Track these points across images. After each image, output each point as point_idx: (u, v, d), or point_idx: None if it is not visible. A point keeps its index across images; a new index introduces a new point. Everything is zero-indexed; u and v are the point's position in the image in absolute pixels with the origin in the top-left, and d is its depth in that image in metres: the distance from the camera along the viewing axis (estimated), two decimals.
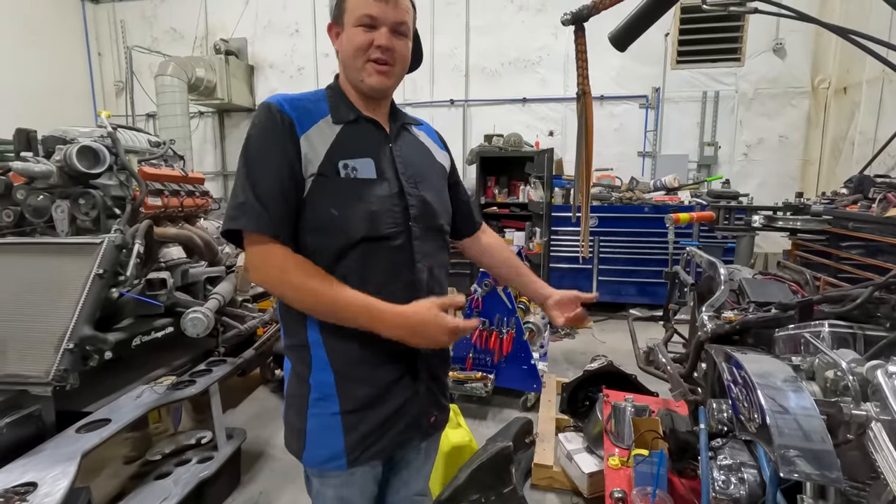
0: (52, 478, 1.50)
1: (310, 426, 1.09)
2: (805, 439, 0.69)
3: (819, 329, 0.90)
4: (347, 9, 1.06)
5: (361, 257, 1.05)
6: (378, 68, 1.07)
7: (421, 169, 1.17)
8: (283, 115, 1.03)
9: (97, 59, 7.58)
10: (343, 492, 1.13)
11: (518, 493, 2.24)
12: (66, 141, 2.22)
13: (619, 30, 0.82)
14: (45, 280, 1.88)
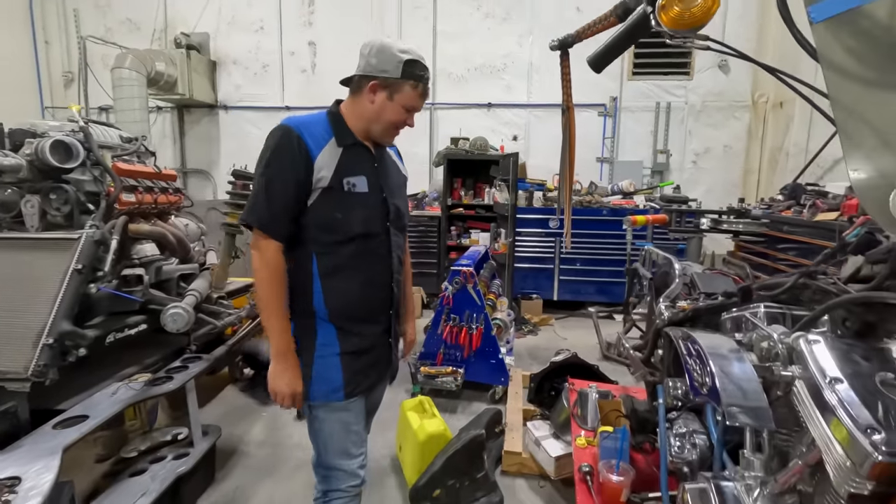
0: (35, 472, 1.51)
1: (316, 367, 1.43)
2: (745, 397, 0.85)
3: (756, 310, 1.08)
4: (402, 93, 1.38)
5: (355, 247, 1.42)
6: (397, 134, 1.49)
7: (394, 183, 1.55)
8: (300, 142, 1.33)
9: (44, 48, 7.19)
10: (343, 416, 1.47)
11: (490, 478, 2.37)
12: (36, 134, 2.17)
13: (597, 55, 0.96)
14: (19, 275, 1.85)
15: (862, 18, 0.54)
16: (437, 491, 2.23)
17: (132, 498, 1.99)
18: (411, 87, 1.38)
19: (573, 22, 5.96)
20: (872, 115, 0.53)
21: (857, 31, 0.55)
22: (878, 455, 0.64)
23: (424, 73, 1.41)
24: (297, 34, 6.70)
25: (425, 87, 1.43)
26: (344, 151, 1.39)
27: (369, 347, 1.50)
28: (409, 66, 1.36)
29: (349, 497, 1.52)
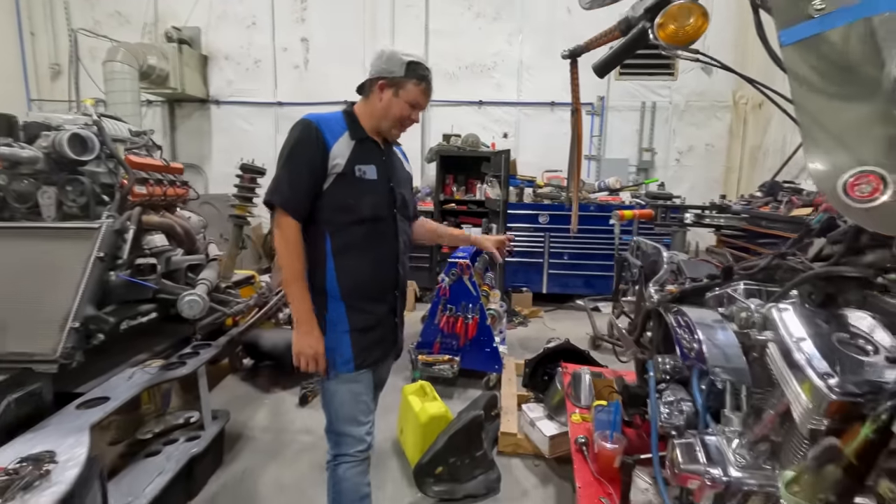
0: (68, 446, 1.59)
1: (327, 341, 1.57)
2: (727, 359, 0.99)
3: (736, 287, 1.23)
4: (407, 89, 1.55)
5: (365, 228, 1.58)
6: (403, 130, 1.65)
7: (400, 176, 1.71)
8: (318, 133, 1.50)
9: (30, 40, 7.11)
10: (353, 387, 1.62)
11: (489, 456, 2.51)
12: (51, 127, 2.24)
13: (601, 64, 1.10)
14: (41, 263, 1.92)
15: (821, 43, 0.68)
16: (440, 468, 2.36)
17: (150, 476, 2.08)
18: (415, 84, 1.54)
19: (563, 22, 6.15)
20: (827, 120, 0.67)
21: (818, 52, 0.68)
22: (832, 395, 0.78)
23: (427, 73, 1.57)
24: (289, 30, 6.74)
25: (428, 85, 1.58)
26: (357, 144, 1.56)
27: (376, 324, 1.64)
28: (412, 66, 1.53)
29: (357, 461, 1.66)
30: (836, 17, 0.65)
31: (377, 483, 2.50)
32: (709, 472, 1.07)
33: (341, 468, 1.65)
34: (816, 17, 0.67)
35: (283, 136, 1.56)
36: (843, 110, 0.63)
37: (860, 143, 0.63)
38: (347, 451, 1.64)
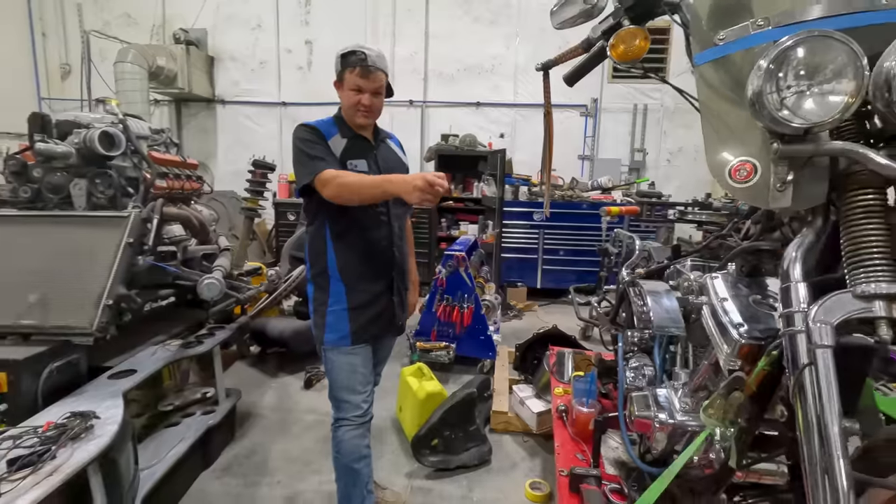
0: (105, 408, 1.80)
1: (328, 319, 1.78)
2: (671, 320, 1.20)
3: (684, 263, 1.44)
4: (346, 79, 1.71)
5: (359, 216, 1.75)
6: (363, 114, 1.75)
7: (394, 167, 1.85)
8: (317, 131, 1.73)
9: (41, 40, 7.31)
10: (350, 359, 1.80)
11: (481, 431, 2.72)
12: (81, 125, 2.44)
13: (569, 75, 1.31)
14: (77, 247, 2.13)
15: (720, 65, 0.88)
16: (435, 441, 2.57)
17: (172, 443, 2.29)
18: (349, 71, 1.68)
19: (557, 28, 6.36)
20: (719, 123, 0.86)
21: (718, 72, 0.88)
22: (742, 340, 0.99)
23: (359, 55, 1.66)
24: (294, 32, 6.95)
25: (363, 66, 1.66)
26: (347, 141, 1.76)
27: (373, 301, 1.81)
28: (343, 58, 1.70)
29: (355, 426, 1.83)
30: (731, 47, 0.86)
31: (378, 454, 2.71)
32: (658, 417, 1.28)
33: (341, 430, 1.84)
34: (719, 44, 0.88)
35: (287, 135, 1.78)
36: (729, 117, 0.83)
37: (739, 140, 0.83)
38: (346, 415, 1.83)
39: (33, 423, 1.66)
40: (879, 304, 0.72)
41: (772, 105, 0.72)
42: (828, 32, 0.70)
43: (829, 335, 0.72)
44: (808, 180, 0.78)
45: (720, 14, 0.92)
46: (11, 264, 2.10)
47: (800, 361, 0.74)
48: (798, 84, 0.71)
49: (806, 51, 0.71)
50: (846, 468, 0.66)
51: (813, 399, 0.71)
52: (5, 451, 1.48)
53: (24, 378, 1.80)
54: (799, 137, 0.75)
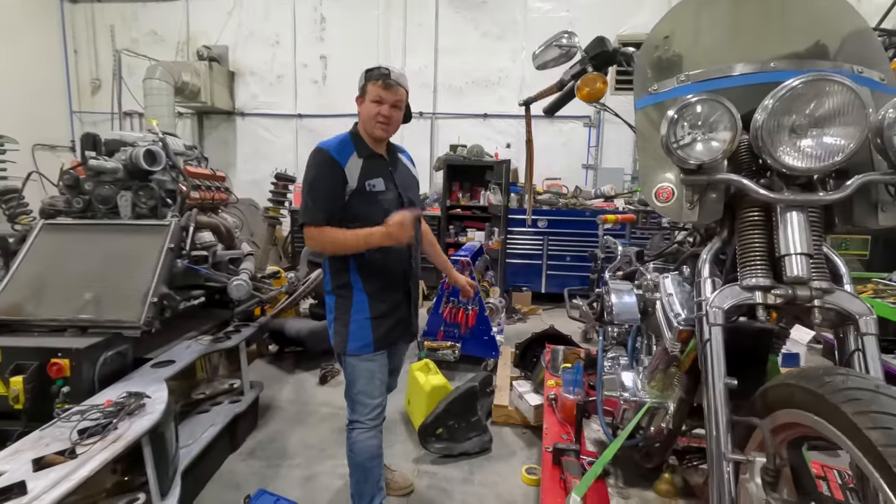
0: (152, 391, 2.08)
1: (352, 328, 1.89)
2: (629, 312, 1.44)
3: (648, 266, 1.67)
4: (367, 91, 1.82)
5: None
6: (382, 126, 1.84)
7: (407, 182, 2.00)
8: (331, 158, 1.80)
9: (73, 57, 7.76)
10: (370, 366, 1.91)
11: (482, 423, 2.95)
12: (127, 144, 2.76)
13: (548, 108, 1.57)
14: (126, 251, 2.43)
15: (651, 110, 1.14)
16: (440, 429, 2.81)
17: (203, 427, 2.56)
18: (371, 84, 1.79)
19: None
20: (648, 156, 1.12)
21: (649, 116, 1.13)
22: (679, 326, 1.23)
23: (381, 69, 1.81)
24: (309, 48, 7.31)
25: (385, 80, 1.78)
26: (364, 161, 1.84)
27: (393, 310, 1.93)
28: (368, 72, 1.83)
29: (368, 428, 1.94)
30: (659, 96, 1.11)
31: (388, 442, 2.95)
32: (623, 395, 1.52)
33: (355, 432, 1.95)
34: (652, 94, 1.13)
35: (303, 145, 2.04)
36: (657, 151, 1.07)
37: (662, 169, 1.07)
38: (360, 418, 1.93)
39: (94, 402, 1.94)
40: (758, 293, 0.96)
41: (673, 147, 0.97)
42: (714, 97, 0.94)
43: (720, 317, 0.96)
44: (708, 201, 1.02)
45: (657, 68, 1.17)
46: (69, 266, 2.41)
47: (703, 338, 0.98)
48: (692, 132, 0.96)
49: (699, 107, 0.95)
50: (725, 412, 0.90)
51: (709, 364, 0.95)
52: (76, 423, 1.76)
53: (84, 365, 2.09)
54: (696, 170, 0.99)
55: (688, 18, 1.21)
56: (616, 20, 6.58)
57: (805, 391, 0.77)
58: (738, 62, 1.07)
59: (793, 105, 0.90)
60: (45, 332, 2.23)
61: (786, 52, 1.06)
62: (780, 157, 0.92)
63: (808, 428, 0.78)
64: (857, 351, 0.90)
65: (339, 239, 1.78)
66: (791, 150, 0.91)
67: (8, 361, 2.05)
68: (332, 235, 1.78)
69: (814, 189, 0.96)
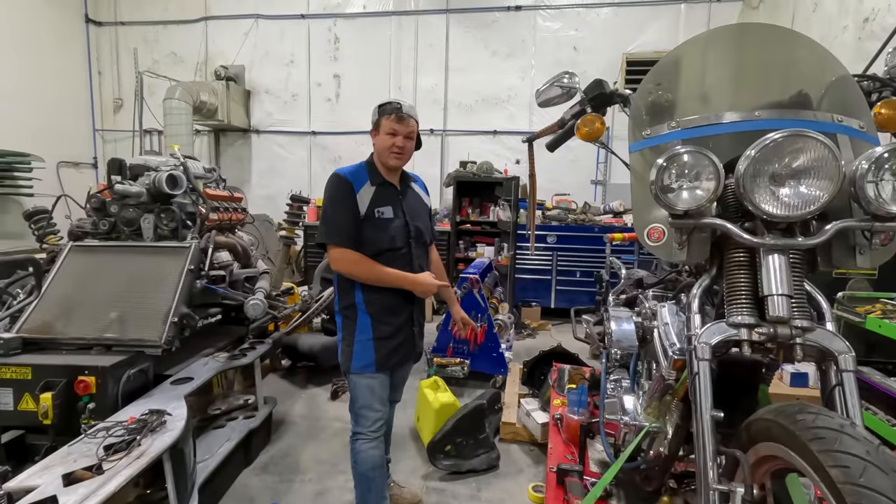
0: (172, 407, 2.17)
1: (356, 349, 1.99)
2: (627, 340, 1.50)
3: (647, 293, 1.73)
4: (382, 124, 1.94)
5: (385, 257, 1.96)
6: (396, 155, 1.96)
7: (416, 210, 2.09)
8: (347, 183, 1.92)
9: (97, 78, 8.05)
10: (371, 382, 2.01)
11: (490, 440, 3.00)
12: (150, 168, 2.89)
13: (550, 144, 1.65)
14: (148, 272, 2.54)
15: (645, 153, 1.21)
16: (448, 446, 2.87)
17: (220, 442, 2.65)
18: (385, 117, 1.91)
19: (570, 60, 6.74)
20: (641, 196, 1.19)
21: (644, 157, 1.21)
22: (674, 356, 1.29)
23: (394, 104, 1.93)
24: (323, 67, 7.50)
25: (398, 113, 1.91)
26: (376, 189, 1.96)
27: (396, 333, 2.01)
28: (381, 107, 1.95)
29: (370, 439, 2.05)
30: (651, 141, 1.18)
31: (397, 458, 3.01)
32: (623, 419, 1.58)
33: (358, 443, 2.06)
34: (644, 138, 1.21)
35: (316, 161, 2.14)
36: (647, 192, 1.15)
37: (653, 210, 1.15)
38: (363, 430, 2.04)
39: (118, 418, 2.04)
40: (743, 330, 1.02)
41: (661, 193, 1.05)
42: (699, 149, 1.01)
43: (708, 352, 1.02)
44: (696, 242, 1.09)
45: (651, 113, 1.25)
46: (95, 287, 2.53)
47: (693, 370, 1.04)
48: (679, 180, 1.03)
49: (686, 157, 1.02)
50: (712, 442, 0.95)
51: (696, 396, 1.01)
52: (101, 439, 1.85)
53: (109, 382, 2.19)
54: (683, 214, 1.06)
55: (679, 67, 1.29)
56: (624, 39, 6.68)
57: (781, 426, 0.83)
58: (725, 110, 1.14)
59: (772, 156, 0.97)
60: (73, 349, 2.34)
61: (770, 101, 1.13)
62: (760, 205, 0.99)
63: (786, 461, 0.84)
64: (838, 386, 0.96)
65: (376, 270, 1.91)
66: (770, 198, 0.98)
67: (38, 378, 2.16)
68: (368, 263, 1.91)
69: (794, 233, 1.03)
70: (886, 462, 0.70)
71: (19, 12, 6.77)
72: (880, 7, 4.03)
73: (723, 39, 1.35)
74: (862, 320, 2.90)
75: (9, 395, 2.13)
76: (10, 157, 6.25)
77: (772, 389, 2.87)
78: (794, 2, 5.36)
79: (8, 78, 6.62)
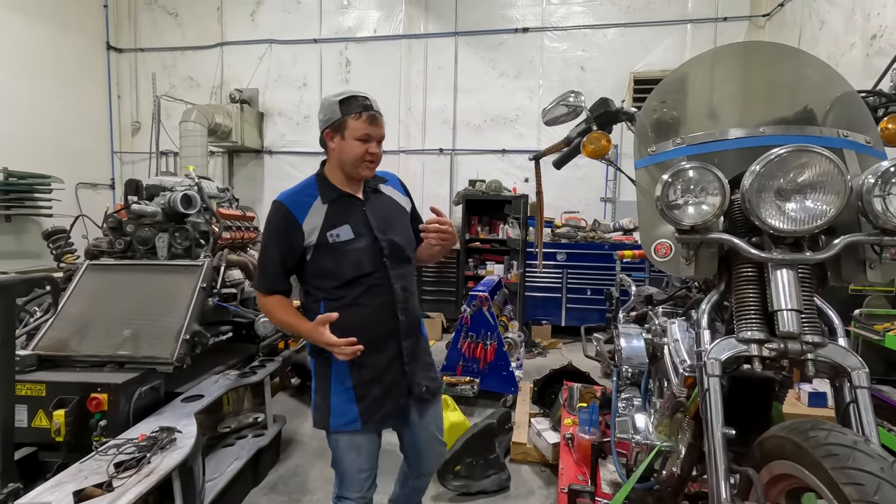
0: (183, 425, 2.18)
1: (333, 401, 1.62)
2: (637, 357, 1.48)
3: (657, 310, 1.72)
4: (349, 127, 1.53)
5: (354, 288, 1.61)
6: (370, 165, 1.61)
7: (389, 218, 1.68)
8: (285, 213, 1.58)
9: (116, 102, 8.30)
10: (358, 439, 1.66)
11: (500, 460, 2.96)
12: (166, 189, 2.96)
13: (556, 161, 1.67)
14: (161, 290, 2.58)
15: (651, 170, 1.23)
16: (458, 467, 2.83)
17: (229, 461, 2.65)
18: (353, 119, 1.50)
19: (577, 80, 6.81)
20: (648, 212, 1.19)
21: (651, 173, 1.22)
22: (685, 373, 1.28)
23: (363, 101, 1.53)
24: (335, 89, 7.52)
25: (369, 114, 1.53)
26: (329, 206, 1.59)
27: (380, 376, 1.62)
28: (344, 103, 1.53)
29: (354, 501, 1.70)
30: (657, 157, 1.19)
31: None
32: (635, 438, 1.55)
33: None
34: (650, 154, 1.22)
35: None
36: (653, 208, 1.15)
37: (660, 226, 1.15)
38: (348, 494, 1.71)
39: (128, 436, 2.05)
40: (753, 346, 1.01)
41: (667, 209, 1.05)
42: (704, 164, 1.02)
43: (718, 368, 1.01)
44: (704, 257, 1.09)
45: (656, 130, 1.26)
46: (110, 304, 2.57)
47: (703, 387, 1.03)
48: (685, 196, 1.04)
49: (691, 173, 1.03)
50: (724, 461, 0.94)
51: (707, 413, 1.00)
52: (112, 456, 1.86)
53: (121, 399, 2.21)
54: (690, 230, 1.07)
55: (684, 85, 1.31)
56: (631, 59, 6.75)
57: (793, 444, 0.82)
58: (731, 127, 1.15)
59: (777, 171, 0.98)
60: (87, 367, 2.37)
61: (776, 118, 1.14)
62: (766, 219, 0.99)
63: (800, 479, 0.82)
64: (852, 403, 0.94)
65: (283, 321, 1.64)
66: (776, 213, 0.98)
67: (52, 395, 2.18)
68: (277, 314, 1.65)
69: (802, 248, 1.03)
70: None
71: (45, 40, 7.03)
72: (887, 24, 4.05)
73: (727, 57, 1.37)
74: (881, 338, 2.84)
75: (23, 411, 2.15)
76: (31, 179, 6.43)
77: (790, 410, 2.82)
78: (801, 20, 5.39)
79: (33, 102, 6.84)
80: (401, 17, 7.38)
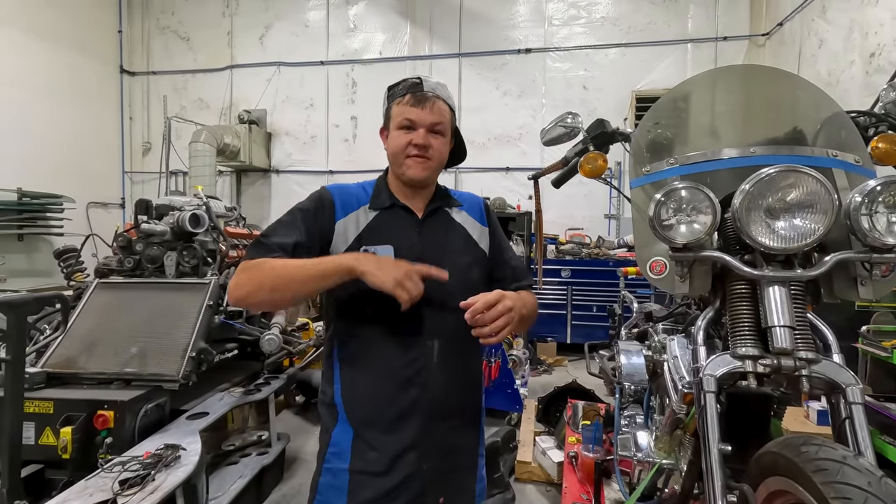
0: (187, 443, 2.20)
1: (322, 479, 1.21)
2: (637, 374, 1.49)
3: (657, 327, 1.73)
4: (392, 116, 1.24)
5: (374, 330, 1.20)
6: (418, 161, 1.21)
7: (447, 252, 1.26)
8: (329, 200, 1.24)
9: (128, 123, 8.50)
10: None
11: (505, 479, 2.93)
12: (175, 208, 3.02)
13: (555, 181, 1.70)
14: (168, 308, 2.62)
15: (646, 188, 1.26)
16: None
17: (232, 479, 2.64)
18: (397, 103, 1.23)
19: (580, 98, 6.90)
20: (643, 230, 1.21)
21: (645, 192, 1.26)
22: (684, 389, 1.29)
23: (410, 82, 1.23)
24: (341, 110, 7.81)
25: (413, 95, 1.21)
26: (378, 215, 1.25)
27: (388, 470, 1.17)
28: (390, 91, 1.28)
29: None
30: (651, 177, 1.22)
31: None
32: (637, 455, 1.55)
33: None
34: (644, 174, 1.25)
35: None
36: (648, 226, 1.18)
37: (655, 244, 1.17)
38: None
39: (133, 453, 2.07)
40: (748, 362, 1.03)
41: (659, 227, 1.08)
42: (696, 184, 1.05)
43: (713, 384, 1.02)
44: (697, 275, 1.11)
45: (651, 150, 1.30)
46: (118, 322, 2.61)
47: (700, 403, 1.04)
48: (677, 215, 1.07)
49: (683, 192, 1.06)
50: (720, 477, 0.95)
51: (704, 429, 1.01)
52: (117, 474, 1.88)
53: (127, 416, 2.23)
54: (683, 248, 1.09)
55: (676, 106, 1.34)
56: (632, 78, 6.84)
57: (786, 459, 0.83)
58: (722, 147, 1.18)
59: (766, 190, 1.00)
60: (94, 384, 2.40)
61: (766, 138, 1.17)
62: (757, 237, 1.01)
63: (794, 495, 0.82)
64: (847, 419, 0.95)
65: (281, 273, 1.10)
66: (766, 231, 1.01)
67: (59, 413, 2.21)
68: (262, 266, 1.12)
69: (793, 265, 1.05)
70: (889, 493, 0.69)
71: (63, 64, 7.25)
72: (885, 42, 4.10)
73: (719, 80, 1.41)
74: (889, 354, 2.82)
75: (31, 428, 2.18)
76: (43, 199, 6.56)
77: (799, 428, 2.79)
78: (800, 39, 5.46)
79: (47, 124, 7.03)
80: (406, 39, 7.55)
